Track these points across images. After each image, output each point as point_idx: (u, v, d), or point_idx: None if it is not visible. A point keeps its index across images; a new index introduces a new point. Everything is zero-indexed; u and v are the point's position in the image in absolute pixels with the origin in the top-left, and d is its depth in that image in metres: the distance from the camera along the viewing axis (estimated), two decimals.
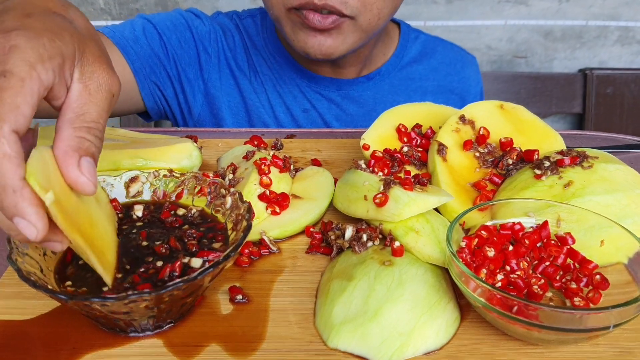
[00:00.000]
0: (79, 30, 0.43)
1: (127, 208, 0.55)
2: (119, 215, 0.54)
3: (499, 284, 0.49)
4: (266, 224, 0.59)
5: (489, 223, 0.54)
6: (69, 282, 0.46)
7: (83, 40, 0.42)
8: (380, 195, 0.55)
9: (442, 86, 1.04)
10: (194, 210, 0.54)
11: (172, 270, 0.46)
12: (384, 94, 1.00)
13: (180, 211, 0.55)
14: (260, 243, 0.57)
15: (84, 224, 0.41)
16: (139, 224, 0.53)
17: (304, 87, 0.98)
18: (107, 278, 0.43)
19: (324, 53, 0.84)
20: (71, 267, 0.48)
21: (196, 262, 0.48)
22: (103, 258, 0.43)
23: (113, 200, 0.54)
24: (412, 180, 0.59)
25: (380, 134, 0.69)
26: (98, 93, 0.42)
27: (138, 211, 0.54)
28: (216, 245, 0.50)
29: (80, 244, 0.39)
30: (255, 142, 0.74)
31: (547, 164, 0.58)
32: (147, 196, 0.56)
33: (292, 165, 0.68)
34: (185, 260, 0.48)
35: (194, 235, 0.51)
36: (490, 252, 0.50)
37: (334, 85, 0.98)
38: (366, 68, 1.00)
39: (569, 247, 0.52)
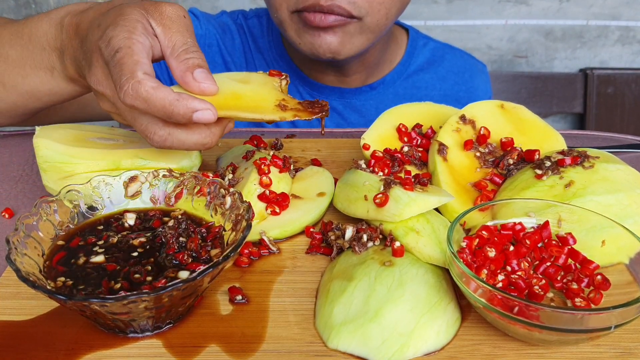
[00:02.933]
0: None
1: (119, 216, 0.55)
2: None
3: (500, 285, 0.49)
4: (266, 224, 0.59)
5: (489, 223, 0.54)
6: (61, 278, 0.47)
7: (140, 3, 0.56)
8: (380, 195, 0.55)
9: (448, 95, 1.02)
10: (179, 216, 0.54)
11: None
12: (388, 104, 0.98)
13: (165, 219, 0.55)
14: (260, 243, 0.57)
15: (229, 102, 0.56)
16: (134, 241, 0.52)
17: (305, 95, 0.97)
18: (265, 117, 0.55)
19: (333, 51, 0.83)
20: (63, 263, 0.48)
21: (183, 274, 0.47)
22: (255, 109, 0.56)
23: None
24: (413, 180, 0.58)
25: (380, 134, 0.69)
26: (174, 24, 0.56)
27: (130, 220, 0.54)
28: (214, 252, 0.50)
29: (227, 115, 0.55)
30: (255, 142, 0.74)
31: (548, 163, 0.58)
32: (145, 196, 0.56)
33: (292, 165, 0.68)
34: (172, 275, 0.47)
35: (193, 248, 0.50)
36: (491, 253, 0.50)
37: (337, 93, 0.97)
38: (372, 76, 0.98)
39: (570, 247, 0.52)
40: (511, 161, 0.63)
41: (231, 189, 0.53)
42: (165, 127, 0.53)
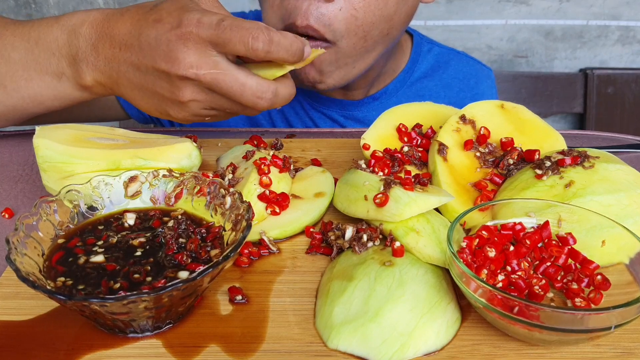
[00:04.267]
0: None
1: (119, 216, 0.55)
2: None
3: (500, 285, 0.49)
4: (266, 224, 0.59)
5: (489, 223, 0.54)
6: (61, 278, 0.47)
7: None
8: (380, 195, 0.55)
9: (453, 103, 0.98)
10: (179, 216, 0.54)
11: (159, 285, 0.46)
12: None
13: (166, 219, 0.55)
14: (260, 243, 0.57)
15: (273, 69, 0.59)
16: (133, 241, 0.52)
17: (306, 105, 0.96)
18: (280, 71, 0.59)
19: (312, 82, 0.81)
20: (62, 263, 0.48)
21: (183, 274, 0.47)
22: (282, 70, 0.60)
23: None
24: (413, 180, 0.58)
25: (380, 134, 0.69)
26: (213, 7, 0.59)
27: (130, 219, 0.54)
28: (213, 252, 0.50)
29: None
30: (255, 142, 0.74)
31: (548, 163, 0.58)
32: (146, 196, 0.56)
33: (292, 165, 0.68)
34: (172, 275, 0.47)
35: (192, 248, 0.50)
36: (491, 253, 0.50)
37: (338, 105, 0.95)
38: (374, 87, 0.96)
39: (570, 247, 0.52)
40: (511, 161, 0.63)
41: (231, 189, 0.53)
42: (272, 85, 0.58)
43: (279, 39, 0.55)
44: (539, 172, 0.58)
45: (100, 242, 0.51)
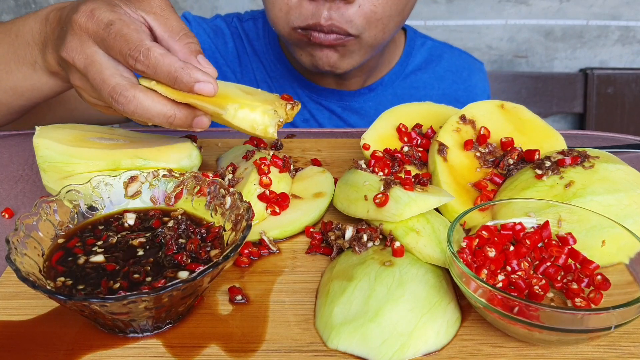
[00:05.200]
0: None
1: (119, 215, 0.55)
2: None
3: (500, 285, 0.49)
4: (266, 224, 0.59)
5: (489, 223, 0.54)
6: (61, 278, 0.47)
7: None
8: (380, 195, 0.55)
9: (447, 95, 1.02)
10: (179, 217, 0.54)
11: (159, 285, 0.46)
12: (386, 105, 0.98)
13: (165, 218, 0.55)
14: (260, 243, 0.57)
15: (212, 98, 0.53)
16: (133, 241, 0.52)
17: (304, 97, 0.97)
18: (221, 110, 0.53)
19: (332, 65, 0.84)
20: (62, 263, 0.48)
21: (183, 275, 0.47)
22: (218, 102, 0.53)
23: None
24: (413, 180, 0.58)
25: (380, 134, 0.69)
26: (164, 11, 0.57)
27: (130, 219, 0.54)
28: (213, 252, 0.50)
29: (191, 101, 0.53)
30: (255, 142, 0.74)
31: (548, 163, 0.58)
32: (145, 196, 0.56)
33: (292, 165, 0.68)
34: (172, 275, 0.47)
35: (192, 248, 0.50)
36: (491, 253, 0.50)
37: (335, 96, 0.97)
38: (370, 78, 0.98)
39: (570, 247, 0.52)
40: (511, 161, 0.62)
41: (231, 189, 0.53)
42: (132, 90, 0.53)
43: (156, 63, 0.52)
44: (539, 172, 0.58)
45: (100, 242, 0.51)
